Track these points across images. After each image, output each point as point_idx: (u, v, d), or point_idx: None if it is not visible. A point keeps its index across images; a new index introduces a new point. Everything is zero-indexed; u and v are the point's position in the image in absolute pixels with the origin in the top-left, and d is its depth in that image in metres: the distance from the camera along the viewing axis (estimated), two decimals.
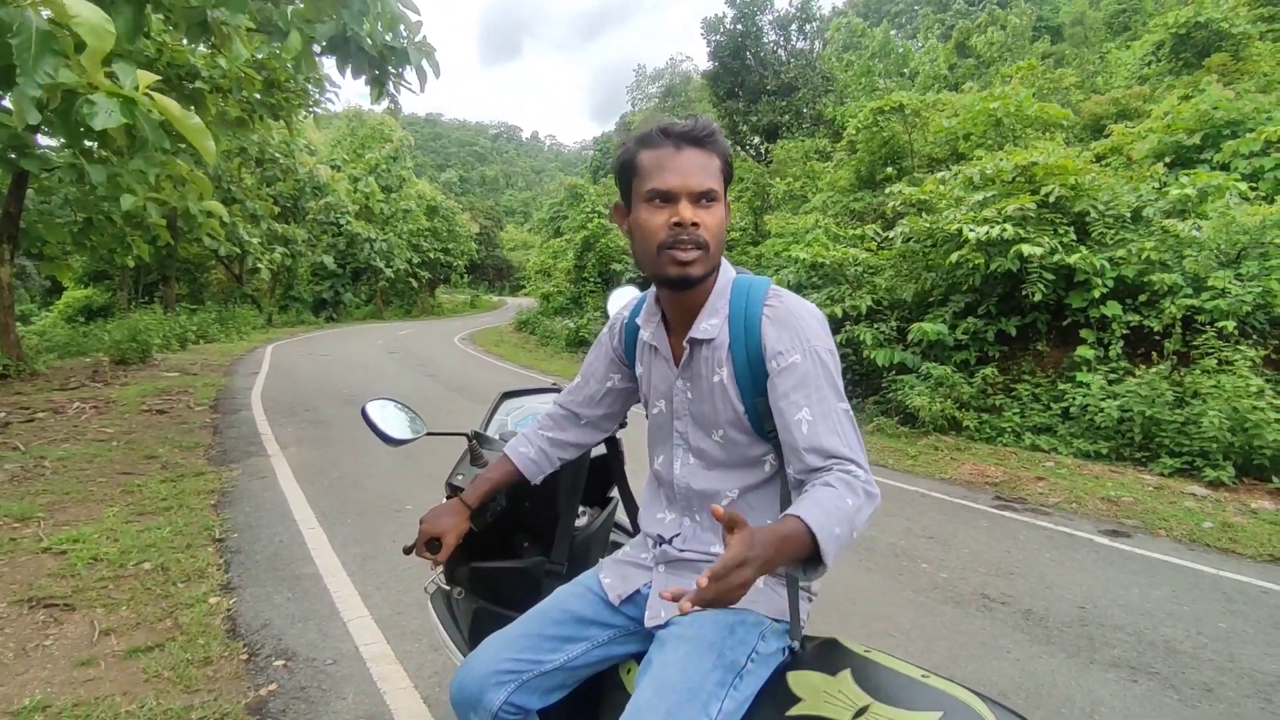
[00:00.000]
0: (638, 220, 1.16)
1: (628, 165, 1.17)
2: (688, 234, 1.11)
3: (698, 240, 1.11)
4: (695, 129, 1.13)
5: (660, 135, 1.14)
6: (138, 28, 4.13)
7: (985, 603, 3.41)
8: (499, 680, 1.19)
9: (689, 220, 1.11)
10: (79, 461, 5.43)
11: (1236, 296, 6.23)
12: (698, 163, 1.12)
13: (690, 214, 1.11)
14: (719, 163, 1.15)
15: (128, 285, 21.71)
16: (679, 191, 1.11)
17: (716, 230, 1.14)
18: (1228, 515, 4.90)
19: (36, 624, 2.91)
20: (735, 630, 1.12)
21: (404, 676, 2.59)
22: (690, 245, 1.11)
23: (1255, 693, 2.66)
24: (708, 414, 1.22)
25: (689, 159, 1.12)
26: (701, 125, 1.13)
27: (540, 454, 1.46)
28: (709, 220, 1.12)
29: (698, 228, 1.11)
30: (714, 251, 1.14)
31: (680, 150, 1.12)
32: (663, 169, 1.12)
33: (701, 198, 1.12)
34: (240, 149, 15.11)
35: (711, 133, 1.14)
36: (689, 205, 1.11)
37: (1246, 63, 13.10)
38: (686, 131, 1.13)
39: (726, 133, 24.57)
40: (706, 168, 1.13)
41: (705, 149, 1.13)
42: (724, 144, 1.16)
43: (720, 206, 1.15)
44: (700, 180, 1.11)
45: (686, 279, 1.14)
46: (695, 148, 1.13)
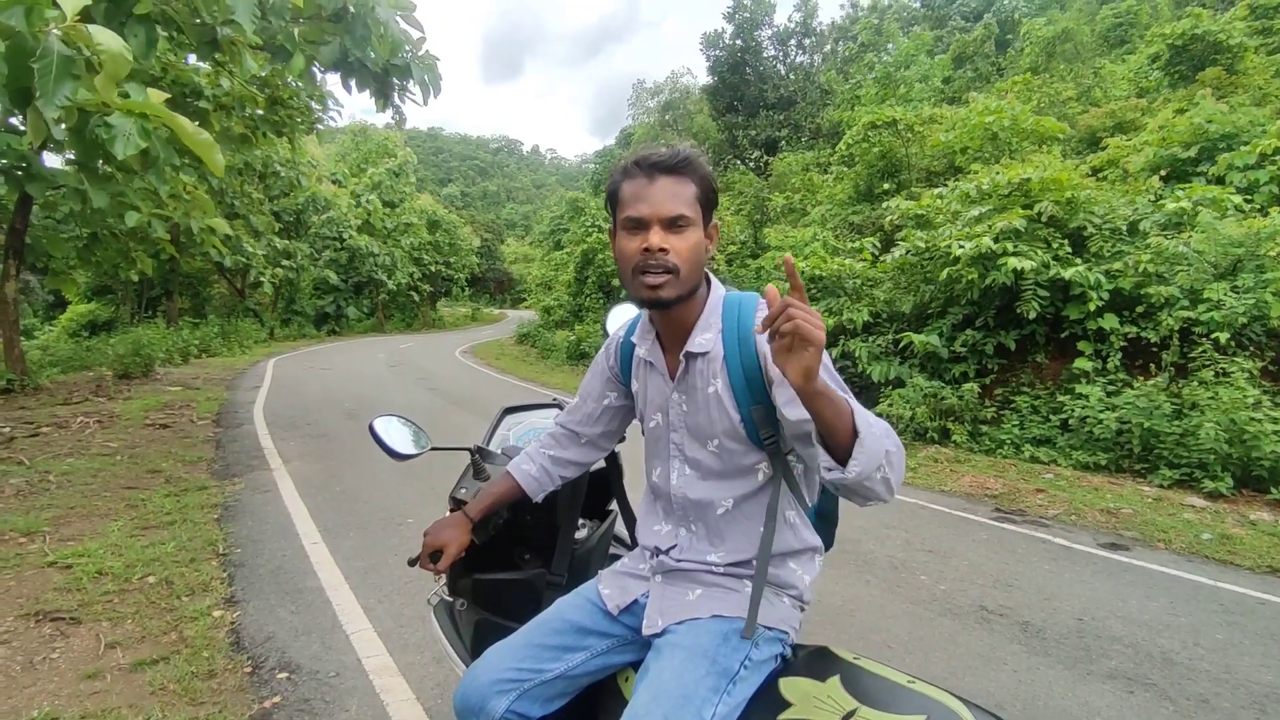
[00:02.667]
0: (617, 246, 1.23)
1: (611, 195, 1.25)
2: (656, 259, 1.17)
3: (666, 265, 1.17)
4: (667, 159, 1.19)
5: (635, 166, 1.21)
6: (150, 46, 4.23)
7: (983, 614, 3.43)
8: (501, 689, 1.22)
9: (656, 246, 1.16)
10: (83, 476, 5.46)
11: (1232, 308, 6.27)
12: (670, 191, 1.18)
13: (658, 240, 1.17)
14: (694, 189, 1.20)
15: (131, 299, 21.83)
16: (650, 219, 1.18)
17: (687, 254, 1.19)
18: (1226, 527, 4.92)
19: (43, 637, 2.94)
20: (729, 638, 1.16)
21: (406, 689, 2.61)
22: (659, 270, 1.17)
23: (1251, 704, 2.68)
24: (703, 425, 1.26)
25: (661, 188, 1.18)
26: (674, 155, 1.19)
27: (542, 472, 1.51)
28: (679, 245, 1.18)
29: (666, 253, 1.17)
30: (685, 275, 1.19)
31: (653, 180, 1.19)
32: (637, 198, 1.19)
33: (672, 224, 1.17)
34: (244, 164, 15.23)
35: (684, 160, 1.19)
36: (659, 231, 1.17)
37: (1241, 76, 13.21)
38: (659, 161, 1.19)
39: (725, 146, 24.85)
40: (678, 195, 1.18)
41: (679, 176, 1.19)
42: (701, 170, 1.21)
43: (693, 231, 1.19)
44: (670, 207, 1.17)
45: (657, 301, 1.20)
46: (668, 176, 1.19)
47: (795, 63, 25.78)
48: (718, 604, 1.23)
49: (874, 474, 0.96)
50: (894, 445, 0.99)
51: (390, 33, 5.55)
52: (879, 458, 0.96)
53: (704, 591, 1.26)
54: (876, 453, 0.96)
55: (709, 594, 1.25)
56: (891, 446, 0.98)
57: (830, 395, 0.95)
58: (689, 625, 1.20)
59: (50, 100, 2.93)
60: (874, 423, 0.98)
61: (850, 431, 0.96)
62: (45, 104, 2.93)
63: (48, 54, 2.93)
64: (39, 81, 2.91)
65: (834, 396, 0.96)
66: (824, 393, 0.95)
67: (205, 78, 7.79)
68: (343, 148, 36.73)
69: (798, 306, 0.90)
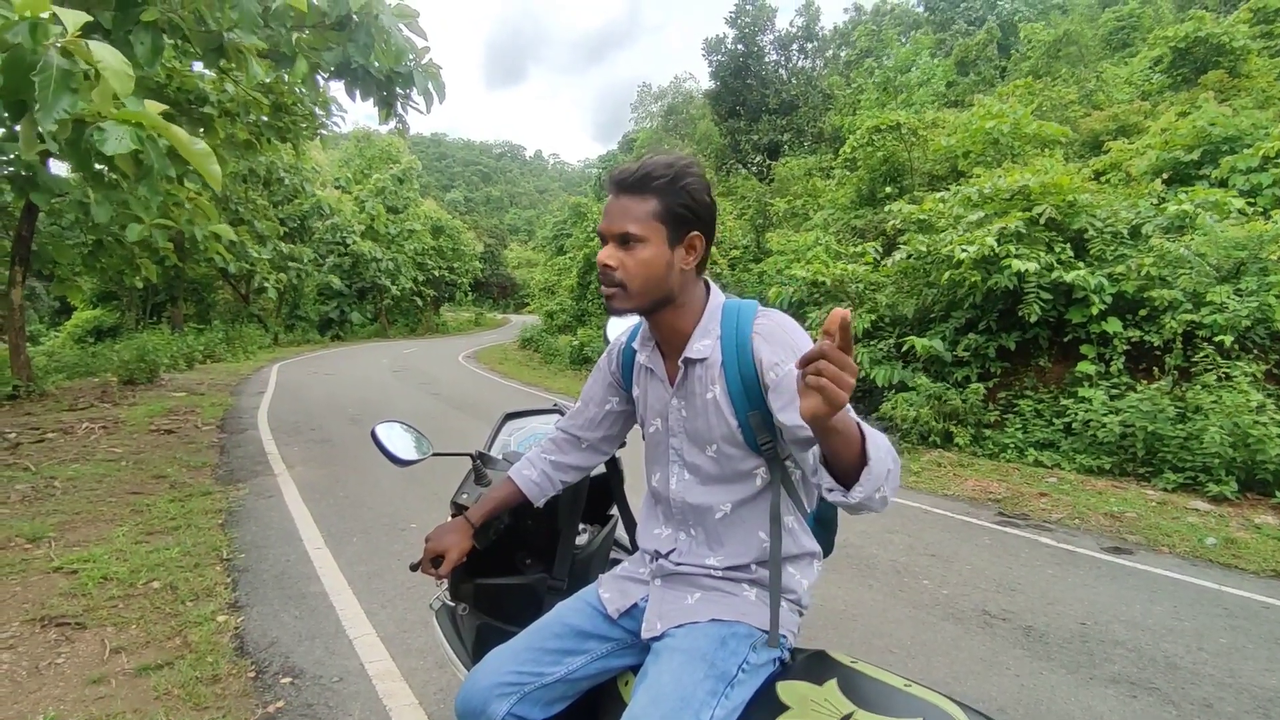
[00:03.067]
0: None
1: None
2: (605, 274, 1.21)
3: (610, 279, 1.21)
4: (628, 176, 1.20)
5: (608, 181, 1.25)
6: (156, 54, 4.26)
7: (986, 619, 3.43)
8: (502, 692, 1.23)
9: (602, 261, 1.21)
10: (89, 481, 5.49)
11: (1235, 312, 6.26)
12: (623, 208, 1.20)
13: (604, 256, 1.22)
14: (654, 205, 1.19)
15: (136, 306, 21.95)
16: (605, 234, 1.22)
17: (635, 269, 1.20)
18: (1231, 530, 4.90)
19: (49, 642, 2.96)
20: (727, 642, 1.17)
21: (409, 694, 2.62)
22: (609, 283, 1.22)
23: (1255, 708, 2.67)
24: (701, 430, 1.27)
25: (618, 205, 1.21)
26: (633, 171, 1.20)
27: (543, 477, 1.52)
28: (627, 261, 1.20)
29: (612, 269, 1.20)
30: (636, 289, 1.21)
31: (616, 197, 1.22)
32: (604, 213, 1.23)
33: (622, 241, 1.20)
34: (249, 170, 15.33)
35: (643, 178, 1.19)
36: (610, 247, 1.21)
37: (1244, 79, 13.21)
38: (621, 179, 1.21)
39: (728, 151, 24.89)
40: (630, 212, 1.19)
41: (636, 194, 1.20)
42: (662, 186, 1.19)
43: (645, 248, 1.19)
44: (619, 224, 1.20)
45: (610, 310, 1.26)
46: (627, 194, 1.21)
47: (797, 67, 25.81)
48: (716, 608, 1.24)
49: (874, 495, 0.97)
50: (894, 463, 0.99)
51: (393, 41, 5.58)
52: (881, 479, 0.96)
53: (703, 595, 1.27)
54: (880, 475, 0.96)
55: (708, 598, 1.26)
56: (892, 464, 0.98)
57: (840, 428, 0.93)
58: (688, 629, 1.21)
59: (49, 113, 2.96)
60: (880, 444, 0.98)
61: (858, 457, 0.95)
62: (44, 116, 2.95)
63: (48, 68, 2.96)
64: (38, 94, 2.94)
65: (844, 428, 0.94)
66: (834, 426, 0.92)
67: (210, 84, 7.85)
68: (346, 154, 36.90)
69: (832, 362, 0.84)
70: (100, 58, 2.85)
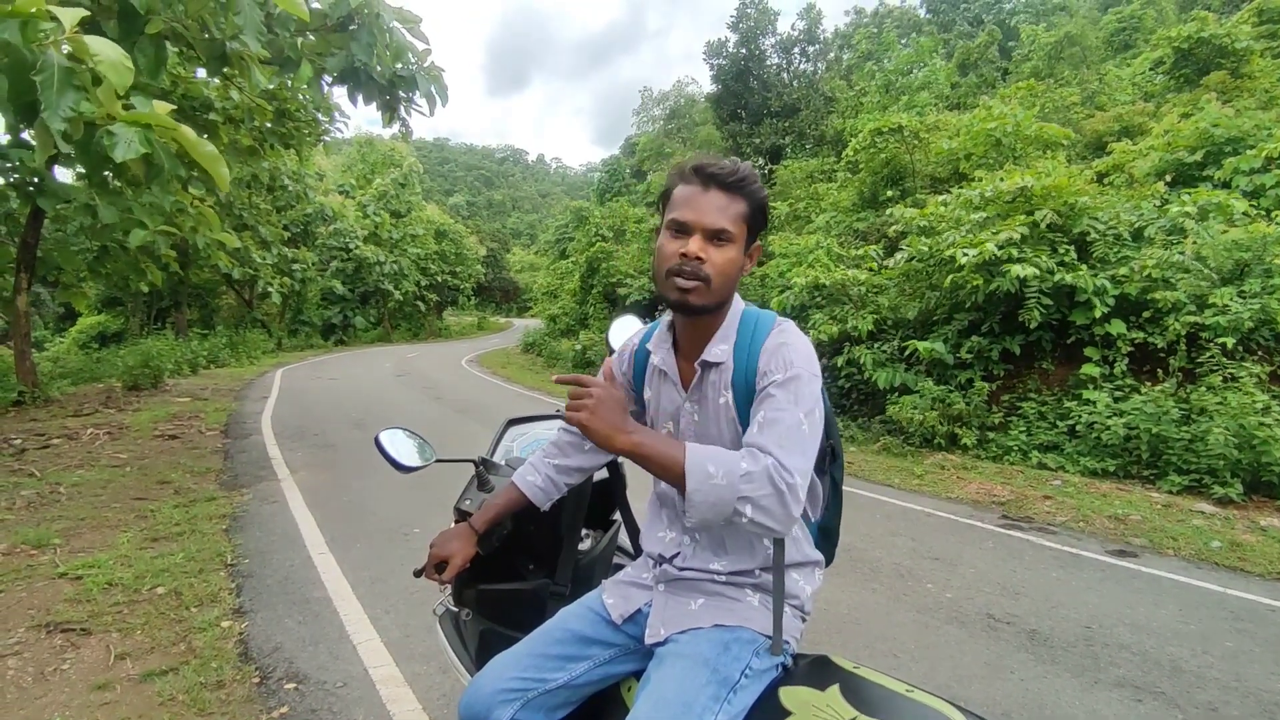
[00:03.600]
0: (659, 243, 1.25)
1: (665, 193, 1.27)
2: (691, 266, 1.19)
3: (699, 273, 1.19)
4: (725, 173, 1.20)
5: (693, 173, 1.23)
6: (160, 63, 4.28)
7: (990, 623, 3.42)
8: (505, 698, 1.23)
9: (694, 253, 1.18)
10: (93, 487, 5.51)
11: (1238, 313, 6.25)
12: (719, 204, 1.20)
13: (697, 248, 1.19)
14: (744, 208, 1.21)
15: (140, 311, 22.01)
16: (694, 226, 1.19)
17: (723, 267, 1.20)
18: (1236, 533, 4.89)
19: (54, 648, 2.97)
20: (730, 647, 1.17)
21: (413, 699, 2.62)
22: (692, 276, 1.19)
23: (1260, 712, 2.66)
24: (712, 435, 1.28)
25: (712, 199, 1.20)
26: (733, 170, 1.21)
27: (547, 481, 1.52)
28: (716, 257, 1.19)
29: (701, 262, 1.19)
30: (717, 286, 1.21)
31: (707, 190, 1.21)
32: (687, 203, 1.21)
33: (714, 236, 1.19)
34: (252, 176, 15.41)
35: (741, 179, 1.21)
36: (699, 240, 1.19)
37: (1247, 80, 13.18)
38: (717, 174, 1.20)
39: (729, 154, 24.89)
40: (726, 210, 1.20)
41: (731, 193, 1.21)
42: (756, 191, 1.22)
43: (733, 248, 1.21)
44: (715, 219, 1.19)
45: (684, 305, 1.22)
46: (721, 190, 1.20)
47: (798, 70, 25.85)
48: (719, 613, 1.24)
49: (731, 517, 1.06)
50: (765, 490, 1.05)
51: (395, 40, 5.61)
52: (721, 508, 1.06)
53: (706, 601, 1.27)
54: (716, 503, 1.05)
55: (711, 603, 1.26)
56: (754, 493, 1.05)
57: (647, 452, 1.11)
58: (691, 634, 1.21)
59: (55, 112, 2.97)
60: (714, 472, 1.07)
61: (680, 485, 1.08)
62: (50, 116, 2.97)
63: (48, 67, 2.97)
64: (42, 94, 2.95)
65: (654, 453, 1.11)
66: (635, 450, 1.11)
67: (215, 91, 7.88)
68: (349, 159, 37.00)
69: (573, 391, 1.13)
70: (97, 50, 2.87)
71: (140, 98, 3.83)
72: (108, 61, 3.02)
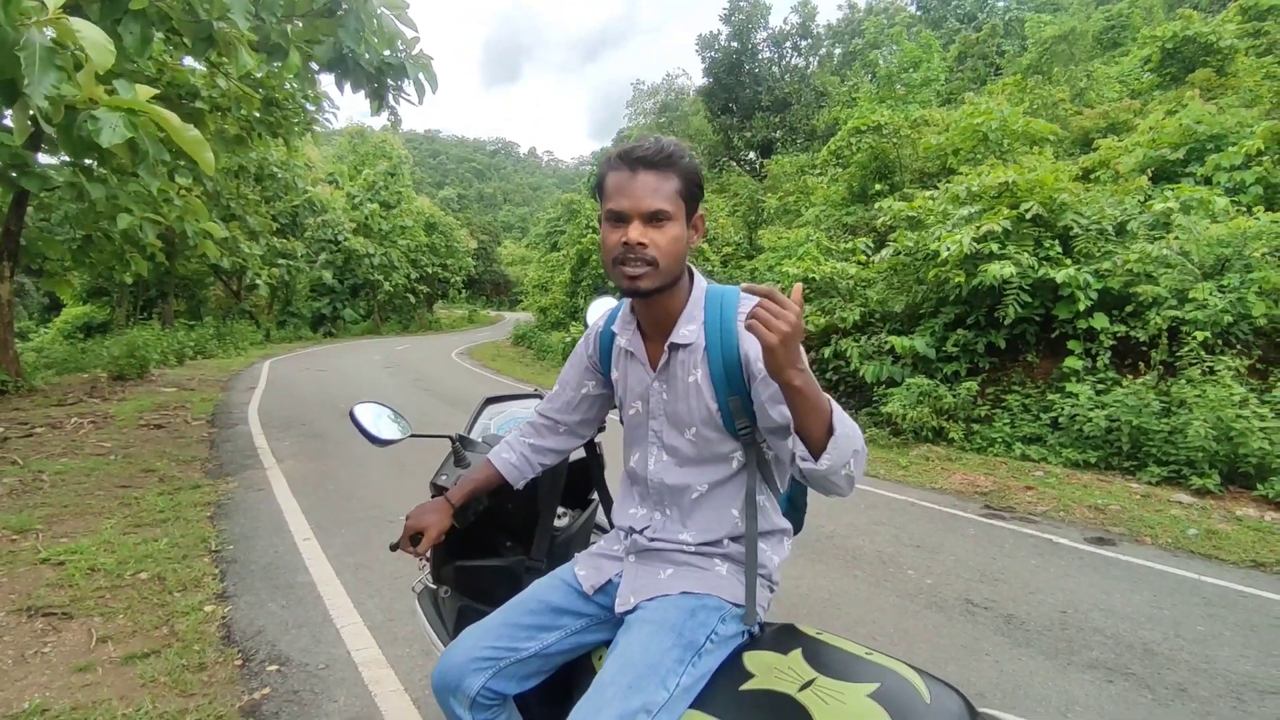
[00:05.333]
0: (601, 235, 1.26)
1: (597, 186, 1.28)
2: (635, 252, 1.20)
3: (645, 258, 1.20)
4: (652, 153, 1.21)
5: (620, 159, 1.23)
6: (145, 43, 4.25)
7: (968, 607, 3.47)
8: (477, 667, 1.25)
9: (635, 240, 1.20)
10: (77, 475, 5.48)
11: (1217, 308, 6.33)
12: (651, 185, 1.20)
13: (638, 235, 1.20)
14: (676, 184, 1.22)
15: (126, 302, 21.83)
16: (630, 213, 1.20)
17: (667, 247, 1.21)
18: (1212, 522, 4.97)
19: (35, 632, 2.96)
20: (696, 613, 1.20)
21: (395, 680, 2.64)
22: (638, 262, 1.20)
23: (1228, 692, 2.72)
24: (682, 413, 1.30)
25: (643, 182, 1.20)
26: (657, 149, 1.21)
27: (522, 460, 1.54)
28: (659, 239, 1.21)
29: (645, 247, 1.20)
30: (665, 267, 1.22)
31: (636, 174, 1.21)
32: (619, 191, 1.21)
33: (652, 218, 1.20)
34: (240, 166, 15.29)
35: (668, 156, 1.21)
36: (639, 226, 1.20)
37: (1231, 78, 13.30)
38: (642, 156, 1.21)
39: (721, 148, 24.92)
40: (660, 190, 1.20)
41: (661, 171, 1.21)
42: (686, 165, 1.23)
43: (673, 225, 1.22)
44: (650, 202, 1.20)
45: (636, 291, 1.24)
46: (650, 170, 1.21)
47: (790, 65, 25.86)
48: (688, 582, 1.27)
49: (840, 470, 1.05)
50: (860, 446, 1.07)
51: (384, 25, 5.58)
52: (848, 455, 1.05)
53: (675, 570, 1.29)
54: (846, 450, 1.05)
55: (680, 572, 1.29)
56: (859, 447, 1.07)
57: (809, 392, 1.02)
58: (659, 601, 1.24)
59: (37, 89, 2.96)
60: (848, 423, 1.07)
61: (827, 428, 1.05)
62: (32, 91, 2.95)
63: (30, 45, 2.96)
64: (25, 70, 2.94)
65: (813, 394, 1.03)
66: (803, 389, 1.02)
67: (201, 79, 7.82)
68: (339, 150, 36.76)
69: (771, 305, 1.00)
70: (79, 29, 2.86)
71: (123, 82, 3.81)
72: (90, 42, 3.00)
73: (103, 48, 3.01)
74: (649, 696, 1.07)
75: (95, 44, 2.97)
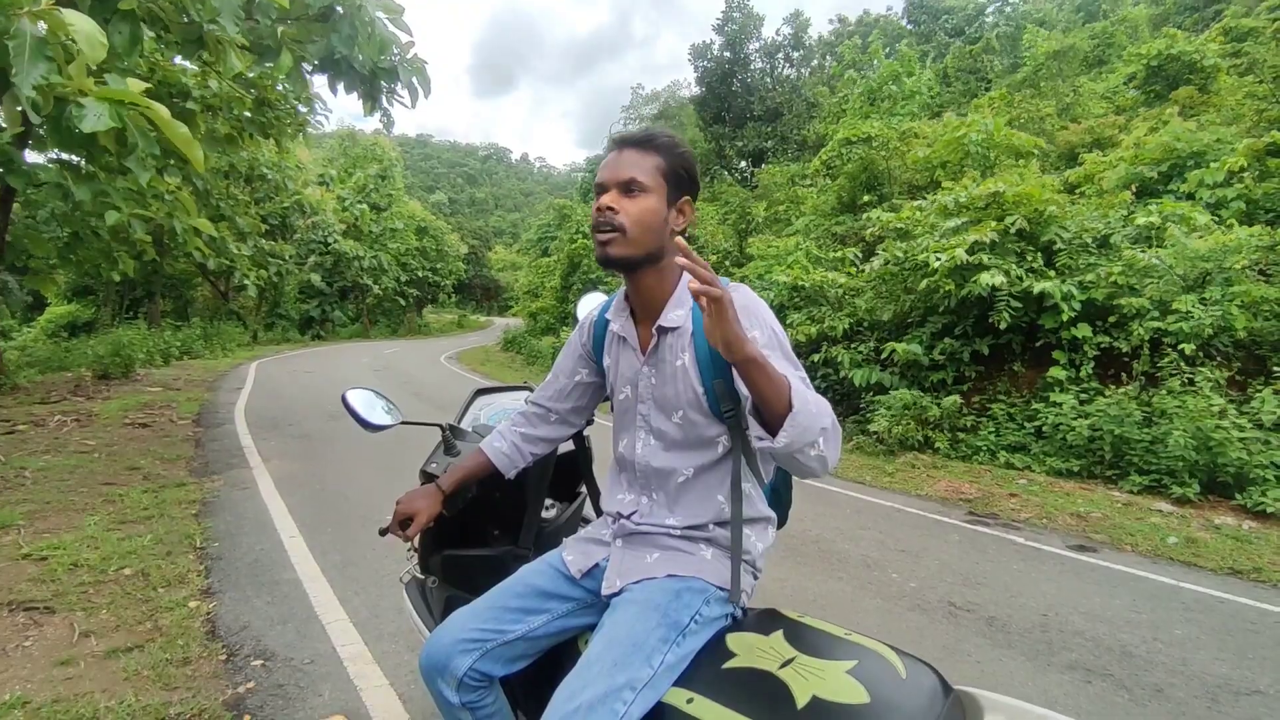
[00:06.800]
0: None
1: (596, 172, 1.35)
2: (604, 217, 1.26)
3: (613, 223, 1.26)
4: (637, 135, 1.30)
5: (610, 142, 1.32)
6: (135, 42, 4.25)
7: (951, 610, 3.51)
8: (464, 648, 1.27)
9: (605, 205, 1.26)
10: (60, 472, 5.44)
11: (1199, 320, 6.43)
12: (630, 160, 1.28)
13: (608, 200, 1.27)
14: (658, 161, 1.28)
15: (112, 301, 21.62)
16: (608, 184, 1.28)
17: (638, 215, 1.26)
18: (1192, 530, 5.03)
19: (16, 626, 2.94)
20: (681, 595, 1.22)
21: (380, 675, 2.64)
22: (607, 228, 1.26)
23: (1204, 693, 2.77)
24: (669, 397, 1.33)
25: (624, 158, 1.29)
26: (644, 132, 1.30)
27: (513, 449, 1.57)
28: (630, 207, 1.26)
29: (615, 212, 1.26)
30: (633, 235, 1.27)
31: (620, 152, 1.30)
32: (604, 167, 1.30)
33: (626, 187, 1.27)
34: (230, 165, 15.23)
35: (651, 137, 1.29)
36: (612, 194, 1.27)
37: (1214, 96, 13.54)
38: (627, 137, 1.30)
39: (713, 156, 25.05)
40: (638, 164, 1.28)
41: (643, 149, 1.29)
42: (670, 148, 1.29)
43: (648, 197, 1.27)
44: (625, 172, 1.27)
45: (605, 258, 1.29)
46: (633, 148, 1.29)
47: (782, 75, 26.09)
48: (673, 565, 1.29)
49: (806, 448, 1.03)
50: (830, 424, 1.05)
51: (378, 32, 5.60)
52: (813, 433, 1.02)
53: (661, 554, 1.32)
54: (810, 428, 1.02)
55: (666, 556, 1.31)
56: (828, 424, 1.05)
57: (764, 367, 1.02)
58: (644, 584, 1.26)
59: (25, 79, 2.96)
60: (812, 400, 1.05)
61: (785, 405, 1.02)
62: (21, 81, 2.96)
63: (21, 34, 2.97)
64: (13, 59, 2.95)
65: (769, 369, 1.02)
66: (755, 362, 1.01)
67: (192, 78, 7.80)
68: (330, 152, 36.67)
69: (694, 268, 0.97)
70: (71, 21, 2.87)
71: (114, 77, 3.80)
72: (82, 34, 3.01)
73: (94, 40, 3.02)
74: (633, 673, 1.09)
75: (87, 36, 2.99)
